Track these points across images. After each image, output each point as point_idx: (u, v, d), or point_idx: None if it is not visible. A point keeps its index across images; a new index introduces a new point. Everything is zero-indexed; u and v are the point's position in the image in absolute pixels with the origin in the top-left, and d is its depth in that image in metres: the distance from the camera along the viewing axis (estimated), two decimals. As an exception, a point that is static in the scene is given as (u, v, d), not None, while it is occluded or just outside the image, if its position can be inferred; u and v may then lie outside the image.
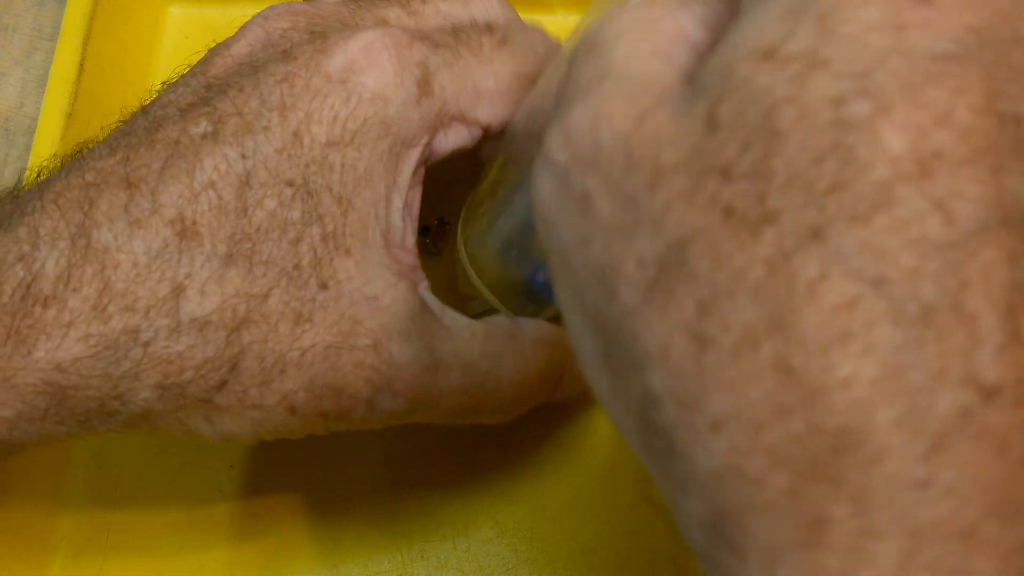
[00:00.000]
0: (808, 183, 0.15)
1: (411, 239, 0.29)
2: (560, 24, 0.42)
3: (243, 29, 0.29)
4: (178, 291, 0.25)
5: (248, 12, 0.32)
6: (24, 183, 0.28)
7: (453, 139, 0.30)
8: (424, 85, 0.28)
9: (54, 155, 0.34)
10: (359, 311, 0.27)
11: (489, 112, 0.30)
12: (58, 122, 0.35)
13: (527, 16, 0.34)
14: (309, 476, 0.34)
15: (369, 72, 0.27)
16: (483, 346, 0.29)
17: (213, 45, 0.30)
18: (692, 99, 0.17)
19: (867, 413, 0.15)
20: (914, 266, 0.15)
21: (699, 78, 0.17)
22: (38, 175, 0.28)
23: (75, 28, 0.37)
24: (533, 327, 0.31)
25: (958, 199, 0.15)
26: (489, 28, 0.31)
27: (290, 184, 0.26)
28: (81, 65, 0.36)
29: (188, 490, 0.34)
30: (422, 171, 0.30)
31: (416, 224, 0.30)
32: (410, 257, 0.29)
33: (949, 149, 0.15)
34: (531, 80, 0.31)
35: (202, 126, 0.27)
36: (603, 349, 0.18)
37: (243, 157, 0.26)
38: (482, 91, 0.30)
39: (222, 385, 0.26)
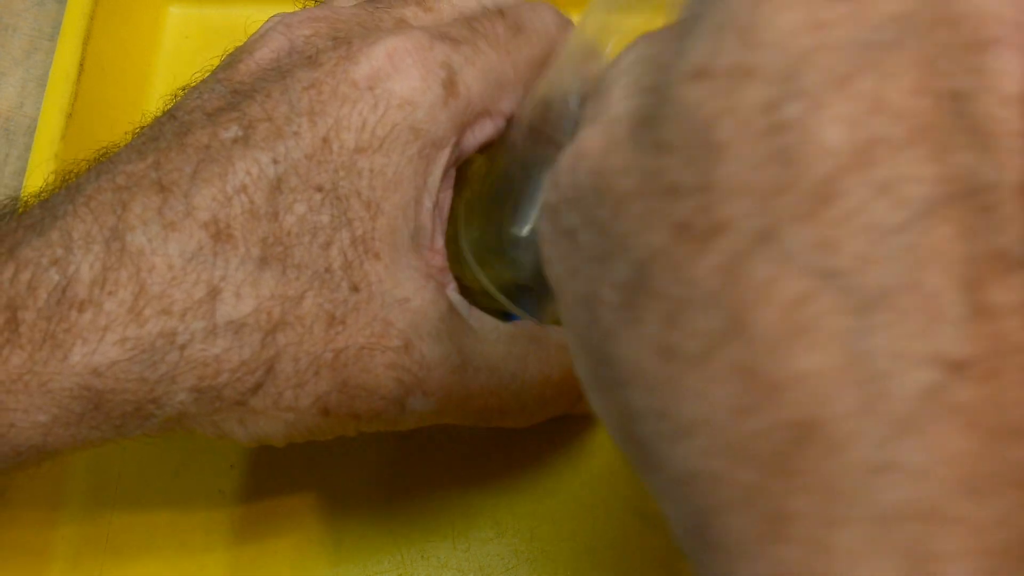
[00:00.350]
0: (752, 189, 0.16)
1: (440, 241, 0.29)
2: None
3: (265, 35, 0.29)
4: (214, 294, 0.25)
5: (248, 12, 0.32)
6: (49, 187, 0.28)
7: (480, 134, 0.30)
8: (450, 86, 0.28)
9: (55, 155, 0.34)
10: (390, 313, 0.27)
11: (512, 101, 0.30)
12: (58, 122, 0.35)
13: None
14: (309, 477, 0.34)
15: (396, 78, 0.28)
16: (508, 348, 0.29)
17: (212, 46, 0.30)
18: (645, 127, 0.18)
19: (824, 404, 0.15)
20: (864, 253, 0.15)
21: (652, 106, 0.18)
22: (64, 179, 0.28)
23: (75, 28, 0.37)
24: (558, 332, 0.32)
25: (904, 181, 0.15)
26: (501, 13, 0.31)
27: (319, 189, 0.27)
28: (81, 65, 0.36)
29: (188, 490, 0.34)
30: (453, 172, 0.30)
31: (445, 226, 0.30)
32: (439, 259, 0.29)
33: (887, 134, 0.15)
34: (548, 62, 0.31)
35: (232, 131, 0.27)
36: (593, 371, 0.19)
37: (274, 162, 0.26)
38: (504, 83, 0.30)
39: (257, 388, 0.26)
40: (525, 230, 0.30)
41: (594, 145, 0.19)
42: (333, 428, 0.28)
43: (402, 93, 0.28)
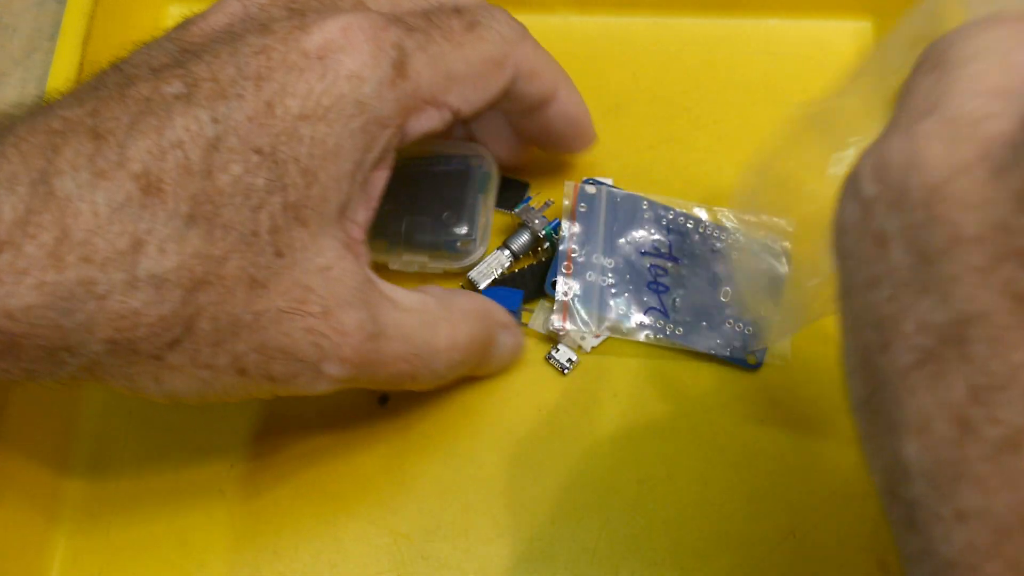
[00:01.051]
0: None
1: (362, 215, 0.30)
2: (559, 24, 0.42)
3: (222, 1, 0.30)
4: (137, 246, 0.25)
5: (248, 12, 0.32)
6: None
7: (425, 122, 0.30)
8: (400, 68, 0.29)
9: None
10: (312, 280, 0.27)
11: (459, 96, 0.31)
12: (58, 122, 0.35)
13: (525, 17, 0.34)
14: (309, 477, 0.34)
15: (347, 51, 0.28)
16: (420, 316, 0.30)
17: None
18: (1012, 164, 0.16)
19: None
20: None
21: (1022, 141, 0.16)
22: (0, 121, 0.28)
23: (75, 28, 0.37)
24: (466, 299, 0.33)
25: None
26: (458, 11, 0.31)
27: (258, 152, 0.26)
28: (81, 65, 0.36)
29: (188, 490, 0.34)
30: (392, 155, 0.30)
31: (374, 204, 0.30)
32: (359, 232, 0.30)
33: None
34: (498, 64, 0.32)
35: (175, 86, 0.27)
36: (867, 394, 0.18)
37: (214, 121, 0.26)
38: (454, 75, 0.30)
39: (175, 344, 0.26)
40: None
41: (937, 156, 0.17)
42: (248, 389, 0.28)
43: (352, 66, 0.28)
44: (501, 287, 0.36)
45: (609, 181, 0.38)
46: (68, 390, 0.27)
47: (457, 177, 0.36)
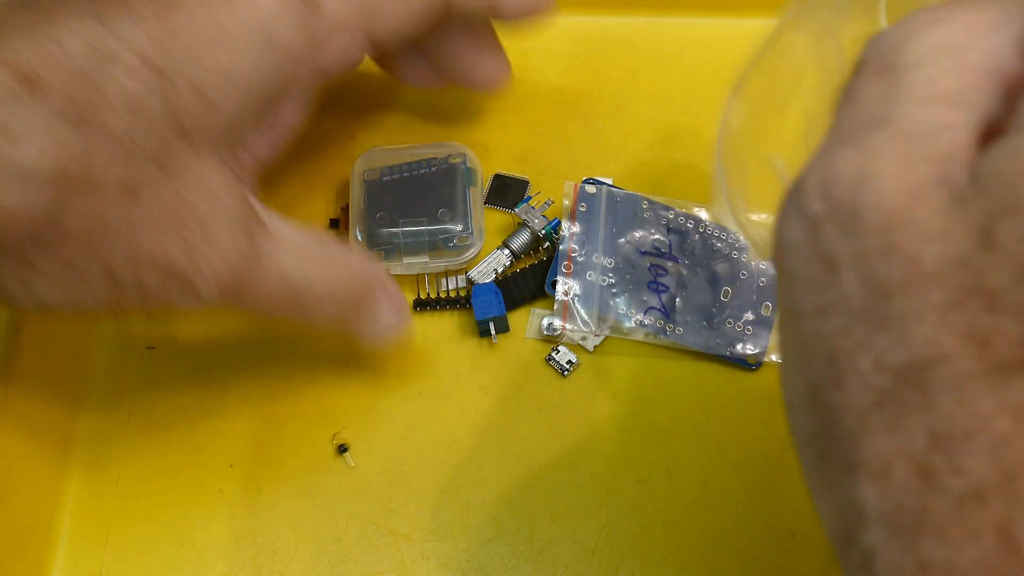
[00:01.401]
0: None
1: (264, 150, 0.30)
2: (559, 24, 0.42)
3: None
4: (11, 139, 0.24)
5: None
6: None
7: (343, 56, 0.30)
8: (311, 2, 0.29)
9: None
10: (193, 198, 0.27)
11: (379, 24, 0.31)
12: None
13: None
14: (309, 476, 0.34)
15: None
16: (302, 257, 0.30)
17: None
18: (972, 193, 0.15)
19: None
20: None
21: (984, 167, 0.15)
22: None
23: (75, 28, 0.37)
24: (356, 259, 0.32)
25: None
26: None
27: (155, 71, 0.26)
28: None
29: (188, 490, 0.34)
30: (311, 93, 0.30)
31: (279, 141, 0.30)
32: (254, 163, 0.30)
33: None
34: None
35: (82, 2, 0.26)
36: (817, 430, 0.17)
37: (115, 36, 0.26)
38: (371, 2, 0.30)
39: (45, 247, 0.25)
40: None
41: (892, 176, 0.16)
42: (120, 301, 0.27)
43: (261, 2, 0.28)
44: (488, 288, 0.36)
45: (609, 181, 0.38)
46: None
47: (442, 176, 0.37)
